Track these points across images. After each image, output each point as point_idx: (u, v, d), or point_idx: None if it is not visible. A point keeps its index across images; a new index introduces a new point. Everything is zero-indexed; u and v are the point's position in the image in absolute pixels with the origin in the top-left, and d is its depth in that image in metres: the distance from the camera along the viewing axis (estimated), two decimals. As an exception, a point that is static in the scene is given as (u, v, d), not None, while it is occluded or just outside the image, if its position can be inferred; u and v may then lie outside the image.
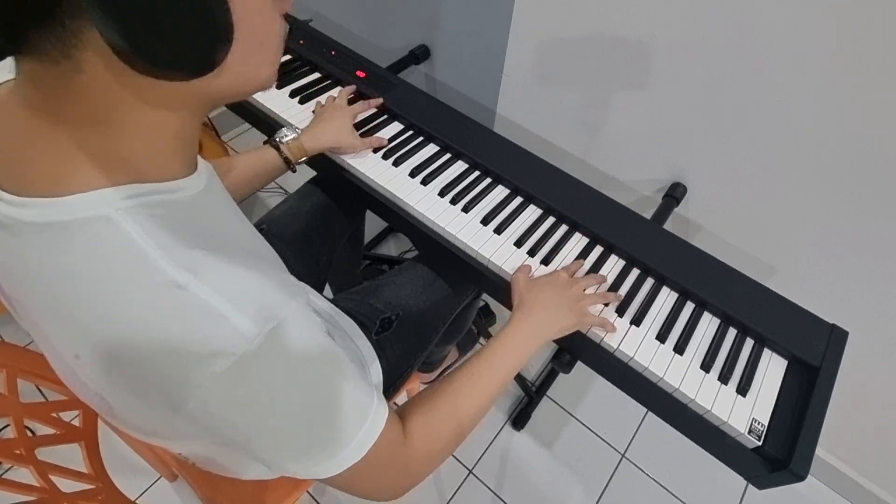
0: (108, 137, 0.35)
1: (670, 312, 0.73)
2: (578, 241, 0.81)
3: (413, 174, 0.87)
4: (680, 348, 0.69)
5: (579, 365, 0.77)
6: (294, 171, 0.83)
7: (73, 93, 0.33)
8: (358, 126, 0.92)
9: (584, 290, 0.71)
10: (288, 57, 1.05)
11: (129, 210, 0.35)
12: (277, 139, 0.81)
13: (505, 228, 0.81)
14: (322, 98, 0.97)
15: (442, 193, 0.85)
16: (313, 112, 0.95)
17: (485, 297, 1.33)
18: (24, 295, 0.39)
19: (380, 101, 0.95)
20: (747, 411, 0.65)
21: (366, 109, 0.94)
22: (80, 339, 0.36)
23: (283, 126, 0.86)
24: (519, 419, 1.30)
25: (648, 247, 0.78)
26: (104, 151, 0.35)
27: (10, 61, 0.38)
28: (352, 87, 0.97)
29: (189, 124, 0.39)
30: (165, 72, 0.33)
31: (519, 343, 0.63)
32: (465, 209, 0.83)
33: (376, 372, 0.76)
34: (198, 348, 0.34)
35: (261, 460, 0.41)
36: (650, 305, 0.74)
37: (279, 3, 0.38)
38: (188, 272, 0.34)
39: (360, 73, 1.00)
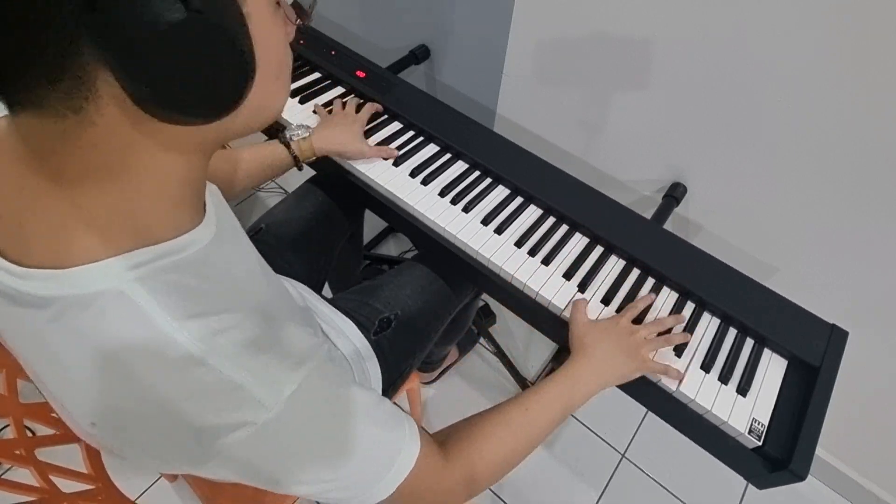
0: (113, 195, 0.33)
1: (670, 313, 0.73)
2: (579, 242, 0.81)
3: (413, 174, 0.87)
4: (680, 348, 0.69)
5: (579, 365, 0.77)
6: (300, 170, 0.84)
7: (79, 147, 0.31)
8: (358, 126, 0.93)
9: (648, 335, 0.68)
10: (288, 57, 1.05)
11: (140, 280, 0.33)
12: (289, 136, 0.82)
13: (505, 228, 0.81)
14: (319, 100, 0.97)
15: (442, 193, 0.85)
16: (313, 112, 0.95)
17: (485, 297, 1.33)
18: (32, 363, 0.38)
19: (378, 107, 0.95)
20: (747, 411, 0.65)
21: (372, 112, 0.93)
22: (95, 412, 0.36)
23: (284, 126, 0.86)
24: (519, 419, 1.29)
25: (648, 247, 0.78)
26: (109, 212, 0.33)
27: None
28: (356, 99, 0.96)
29: (198, 167, 0.38)
30: (190, 116, 0.32)
31: (576, 387, 0.62)
32: (466, 209, 0.83)
33: (375, 372, 0.76)
34: (218, 421, 0.34)
35: (288, 493, 0.42)
36: (650, 306, 0.74)
37: (287, 30, 0.38)
38: (204, 343, 0.33)
39: (360, 73, 1.00)
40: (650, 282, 0.77)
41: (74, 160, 0.31)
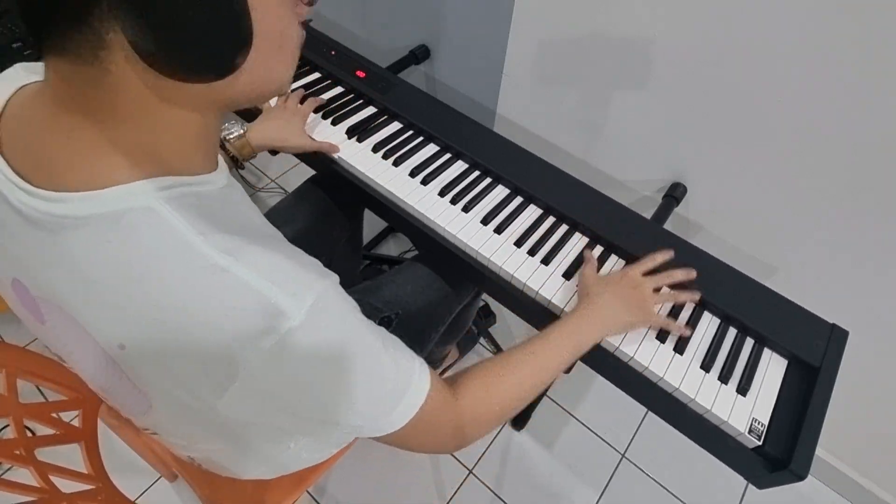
0: (137, 133, 0.37)
1: (670, 312, 0.73)
2: (578, 241, 0.81)
3: (413, 174, 0.87)
4: (680, 348, 0.69)
5: (579, 365, 0.77)
6: (241, 168, 0.83)
7: (101, 92, 0.34)
8: (358, 126, 0.93)
9: (655, 290, 0.70)
10: (288, 57, 1.05)
11: (168, 199, 0.36)
12: (223, 135, 0.80)
13: (505, 228, 0.81)
14: (273, 101, 0.94)
15: (442, 193, 0.85)
16: (314, 112, 0.95)
17: (485, 296, 1.33)
18: (61, 292, 0.39)
19: (322, 100, 0.95)
20: (747, 411, 0.65)
21: (315, 107, 0.94)
22: (126, 328, 0.37)
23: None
24: (519, 419, 1.29)
25: (648, 247, 0.78)
26: (136, 146, 0.37)
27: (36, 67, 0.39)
28: (300, 92, 0.96)
29: (211, 124, 0.41)
30: (186, 74, 0.34)
31: (579, 333, 0.64)
32: (466, 209, 0.83)
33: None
34: (244, 327, 0.35)
35: (304, 427, 0.43)
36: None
37: (298, 10, 0.40)
38: (229, 255, 0.36)
39: (360, 73, 1.00)
40: (650, 282, 0.77)
41: (99, 101, 0.35)
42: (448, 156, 0.91)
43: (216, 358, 0.36)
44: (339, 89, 1.01)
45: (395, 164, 0.88)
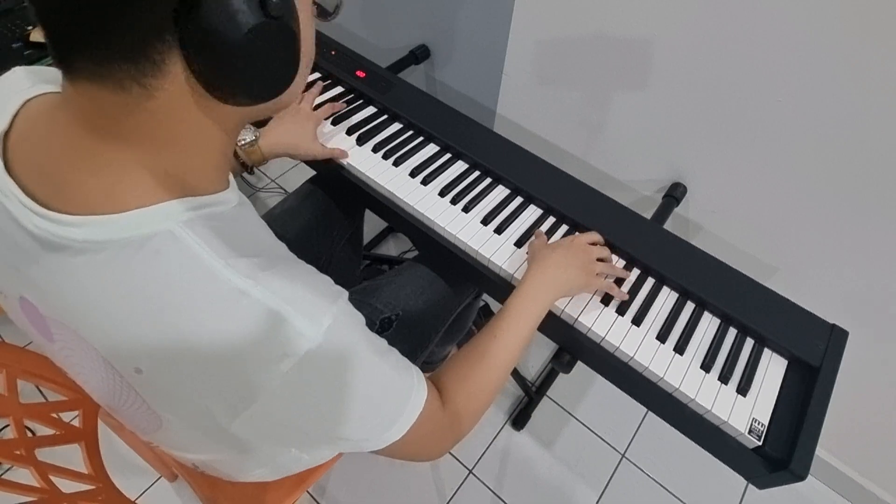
0: (163, 155, 0.37)
1: (670, 312, 0.73)
2: (578, 241, 0.81)
3: (413, 174, 0.87)
4: (680, 348, 0.69)
5: (579, 365, 0.77)
6: (251, 174, 0.83)
7: (137, 115, 0.35)
8: (358, 126, 0.92)
9: (598, 259, 0.73)
10: (288, 57, 1.05)
11: (188, 223, 0.36)
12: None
13: (505, 228, 0.81)
14: (317, 100, 0.96)
15: (442, 193, 0.85)
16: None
17: (485, 297, 1.33)
18: (75, 315, 0.39)
19: (340, 106, 0.94)
20: (747, 411, 0.65)
21: (329, 113, 0.92)
22: (143, 352, 0.37)
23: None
24: (519, 419, 1.29)
25: (648, 247, 0.78)
26: (160, 169, 0.37)
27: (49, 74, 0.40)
28: (317, 89, 0.96)
29: (231, 140, 0.43)
30: (247, 98, 0.37)
31: (533, 300, 0.66)
32: (466, 209, 0.83)
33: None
34: (265, 351, 0.36)
35: (312, 444, 0.44)
36: (650, 305, 0.74)
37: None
38: (248, 279, 0.36)
39: (360, 73, 1.00)
40: (650, 281, 0.77)
41: (131, 125, 0.35)
42: (448, 156, 0.91)
43: (235, 381, 0.36)
44: (339, 89, 1.01)
45: (396, 164, 0.88)
